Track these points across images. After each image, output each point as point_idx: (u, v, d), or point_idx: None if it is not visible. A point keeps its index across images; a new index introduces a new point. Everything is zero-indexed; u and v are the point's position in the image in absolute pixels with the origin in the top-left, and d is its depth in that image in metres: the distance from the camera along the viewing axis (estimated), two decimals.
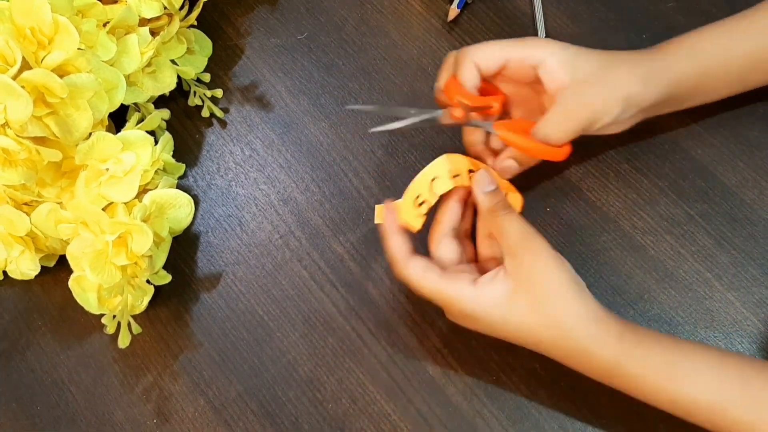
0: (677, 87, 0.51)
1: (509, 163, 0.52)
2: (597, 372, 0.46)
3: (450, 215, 0.51)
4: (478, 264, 0.51)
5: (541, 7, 0.64)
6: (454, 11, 0.63)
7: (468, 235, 0.53)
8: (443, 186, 0.50)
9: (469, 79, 0.50)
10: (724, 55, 0.52)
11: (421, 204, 0.50)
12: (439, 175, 0.50)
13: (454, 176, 0.51)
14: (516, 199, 0.53)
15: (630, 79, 0.49)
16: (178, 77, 0.61)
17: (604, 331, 0.45)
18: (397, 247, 0.48)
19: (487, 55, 0.50)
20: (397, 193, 0.59)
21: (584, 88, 0.49)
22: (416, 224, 0.50)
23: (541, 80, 0.50)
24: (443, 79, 0.52)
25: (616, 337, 0.45)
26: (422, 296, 0.48)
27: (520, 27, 0.63)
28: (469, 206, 0.53)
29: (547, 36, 0.63)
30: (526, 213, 0.57)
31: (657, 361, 0.45)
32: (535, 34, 0.63)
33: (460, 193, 0.51)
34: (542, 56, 0.49)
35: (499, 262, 0.48)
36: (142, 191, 0.55)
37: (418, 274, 0.47)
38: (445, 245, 0.50)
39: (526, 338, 0.47)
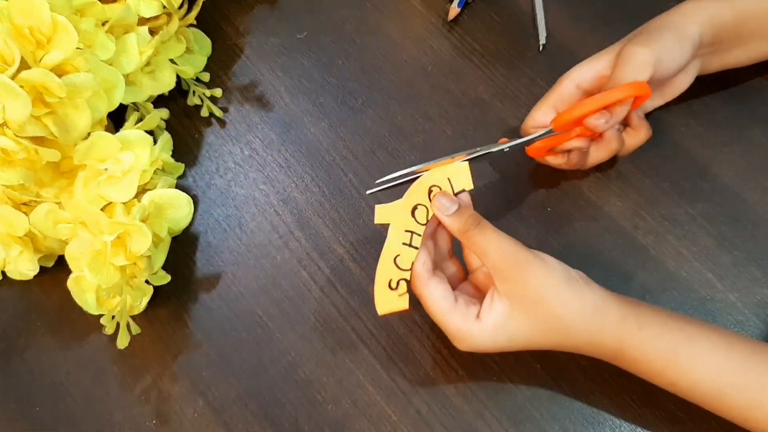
0: (719, 28, 0.52)
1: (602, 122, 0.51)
2: (605, 357, 0.47)
3: (425, 256, 0.48)
4: (470, 277, 0.51)
5: (542, 6, 0.63)
6: (454, 10, 0.63)
7: (451, 254, 0.51)
8: (418, 226, 0.48)
9: (567, 95, 0.53)
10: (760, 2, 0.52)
11: (398, 283, 0.48)
12: (399, 224, 0.48)
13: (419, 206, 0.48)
14: (462, 170, 0.48)
15: (680, 18, 0.51)
16: (178, 77, 0.61)
17: (603, 319, 0.45)
18: (420, 262, 0.47)
19: (582, 75, 0.53)
20: (398, 193, 0.59)
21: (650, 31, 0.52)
22: (402, 305, 0.48)
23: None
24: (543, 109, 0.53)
25: (616, 323, 0.45)
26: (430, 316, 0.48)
27: (520, 27, 0.63)
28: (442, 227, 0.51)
29: (548, 35, 0.63)
30: (528, 214, 0.57)
31: (659, 345, 0.45)
32: (536, 33, 0.63)
33: (429, 225, 0.49)
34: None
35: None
36: (141, 191, 0.55)
37: (435, 297, 0.47)
38: (434, 286, 0.47)
39: (534, 347, 0.47)
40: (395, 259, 0.47)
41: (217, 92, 0.62)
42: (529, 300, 0.45)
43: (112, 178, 0.53)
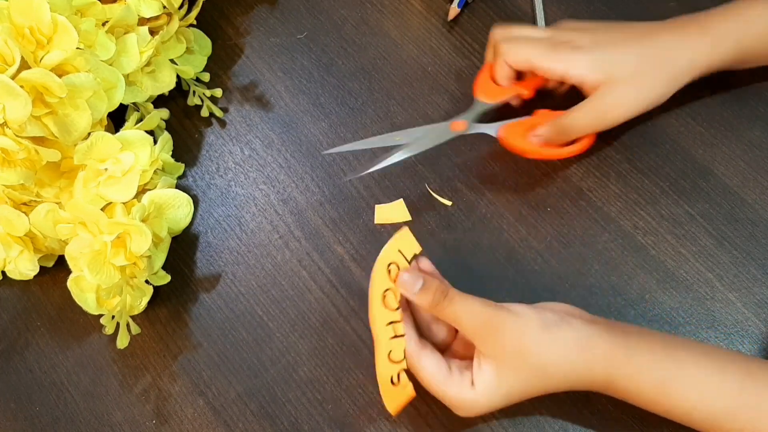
0: (720, 64, 0.53)
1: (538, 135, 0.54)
2: (599, 390, 0.47)
3: (409, 331, 0.47)
4: (459, 334, 0.50)
5: (542, 7, 0.63)
6: (454, 10, 0.63)
7: (436, 318, 0.50)
8: (392, 301, 0.47)
9: (501, 73, 0.55)
10: None
11: (398, 377, 0.48)
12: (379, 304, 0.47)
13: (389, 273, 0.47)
14: (405, 236, 0.48)
15: (676, 62, 0.52)
16: (178, 77, 0.61)
17: (590, 356, 0.45)
18: (411, 341, 0.47)
19: (517, 59, 0.53)
20: (398, 193, 0.59)
21: (618, 87, 0.51)
22: (409, 394, 0.48)
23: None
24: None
25: (604, 357, 0.45)
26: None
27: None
28: None
29: None
30: (527, 214, 0.57)
31: (649, 376, 0.45)
32: None
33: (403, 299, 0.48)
34: (565, 69, 0.51)
35: None
36: (141, 191, 0.55)
37: (430, 371, 0.46)
38: (426, 359, 0.47)
39: (532, 396, 0.47)
40: (389, 355, 0.47)
41: (217, 92, 0.62)
42: (512, 357, 0.45)
43: (112, 178, 0.53)
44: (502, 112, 0.58)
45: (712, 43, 0.52)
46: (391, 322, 0.47)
